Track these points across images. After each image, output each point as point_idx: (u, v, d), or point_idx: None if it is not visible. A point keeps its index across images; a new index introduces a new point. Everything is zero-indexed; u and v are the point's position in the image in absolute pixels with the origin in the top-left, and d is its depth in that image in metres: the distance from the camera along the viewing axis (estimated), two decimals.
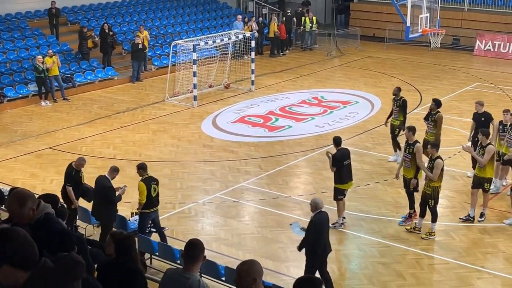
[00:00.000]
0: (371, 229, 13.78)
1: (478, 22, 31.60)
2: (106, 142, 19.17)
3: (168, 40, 28.46)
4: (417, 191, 13.69)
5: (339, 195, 13.60)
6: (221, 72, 25.50)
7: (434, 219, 13.21)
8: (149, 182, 12.28)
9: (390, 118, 17.36)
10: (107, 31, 25.81)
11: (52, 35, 26.75)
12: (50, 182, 15.83)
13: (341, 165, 13.36)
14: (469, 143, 15.27)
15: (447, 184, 15.87)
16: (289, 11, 32.30)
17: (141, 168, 12.42)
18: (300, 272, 12.09)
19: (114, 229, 11.61)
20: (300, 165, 17.58)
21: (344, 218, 13.87)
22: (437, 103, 16.09)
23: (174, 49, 24.16)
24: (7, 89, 22.73)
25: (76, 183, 12.99)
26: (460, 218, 13.96)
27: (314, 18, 32.02)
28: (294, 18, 32.17)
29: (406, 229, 13.50)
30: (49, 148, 18.66)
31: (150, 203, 12.28)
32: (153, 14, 30.89)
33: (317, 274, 10.84)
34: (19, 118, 21.49)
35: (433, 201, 13.05)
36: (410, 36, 22.56)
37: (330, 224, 13.66)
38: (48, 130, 20.24)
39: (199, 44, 23.13)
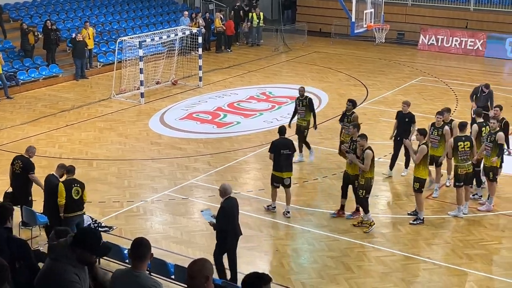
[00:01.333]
0: (320, 223, 13.91)
1: (421, 17, 32.17)
2: (52, 141, 18.83)
3: (113, 37, 28.11)
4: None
5: (274, 182, 14.01)
6: (168, 69, 25.34)
7: (365, 210, 13.43)
8: (70, 184, 12.00)
9: (295, 119, 16.99)
10: (50, 27, 25.31)
11: None
12: None
13: (278, 152, 13.77)
14: (409, 141, 15.41)
15: (394, 177, 16.15)
16: (237, 4, 32.27)
17: (66, 169, 12.24)
18: (251, 268, 12.14)
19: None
20: (249, 161, 17.61)
21: (274, 207, 14.28)
22: (353, 103, 15.99)
23: (120, 46, 23.87)
24: None
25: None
26: (408, 213, 14.17)
27: (261, 13, 32.06)
28: (241, 13, 32.19)
29: (353, 224, 13.62)
30: None
31: (71, 206, 11.99)
32: (97, 10, 30.44)
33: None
34: None
35: (364, 191, 13.26)
36: (356, 31, 22.85)
37: (265, 206, 14.28)
38: None
39: (145, 41, 22.92)
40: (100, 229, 13.10)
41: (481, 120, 14.87)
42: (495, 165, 14.12)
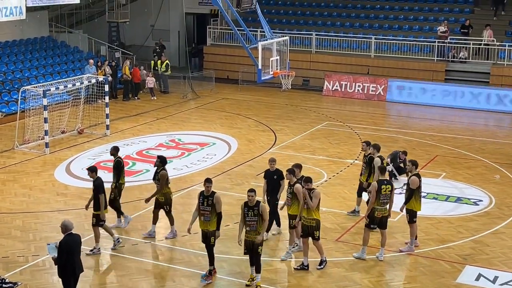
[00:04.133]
0: (232, 270, 13.82)
1: (325, 64, 33.14)
2: None
3: (16, 86, 27.38)
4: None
5: (100, 221, 14.63)
6: (74, 117, 24.84)
7: (259, 269, 13.00)
8: None
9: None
10: None
11: None
12: None
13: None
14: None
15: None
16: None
17: None
18: None
19: None
20: None
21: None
22: (161, 159, 15.17)
23: (23, 95, 23.26)
24: None
25: None
26: (294, 268, 13.89)
27: (166, 61, 32.01)
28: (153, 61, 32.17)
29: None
30: None
31: None
32: None
33: None
34: None
35: (262, 247, 12.92)
36: (262, 78, 23.20)
37: (89, 251, 14.44)
38: None
39: (49, 90, 22.44)
40: (4, 285, 12.55)
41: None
42: (412, 208, 14.47)
